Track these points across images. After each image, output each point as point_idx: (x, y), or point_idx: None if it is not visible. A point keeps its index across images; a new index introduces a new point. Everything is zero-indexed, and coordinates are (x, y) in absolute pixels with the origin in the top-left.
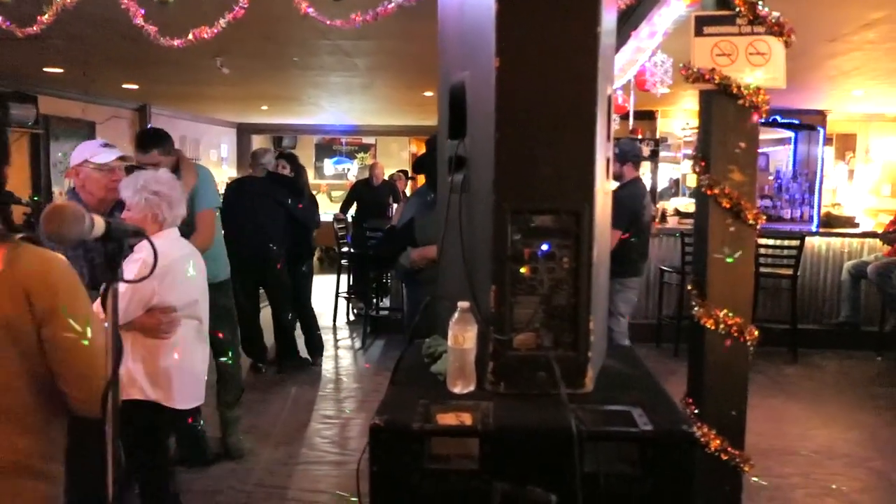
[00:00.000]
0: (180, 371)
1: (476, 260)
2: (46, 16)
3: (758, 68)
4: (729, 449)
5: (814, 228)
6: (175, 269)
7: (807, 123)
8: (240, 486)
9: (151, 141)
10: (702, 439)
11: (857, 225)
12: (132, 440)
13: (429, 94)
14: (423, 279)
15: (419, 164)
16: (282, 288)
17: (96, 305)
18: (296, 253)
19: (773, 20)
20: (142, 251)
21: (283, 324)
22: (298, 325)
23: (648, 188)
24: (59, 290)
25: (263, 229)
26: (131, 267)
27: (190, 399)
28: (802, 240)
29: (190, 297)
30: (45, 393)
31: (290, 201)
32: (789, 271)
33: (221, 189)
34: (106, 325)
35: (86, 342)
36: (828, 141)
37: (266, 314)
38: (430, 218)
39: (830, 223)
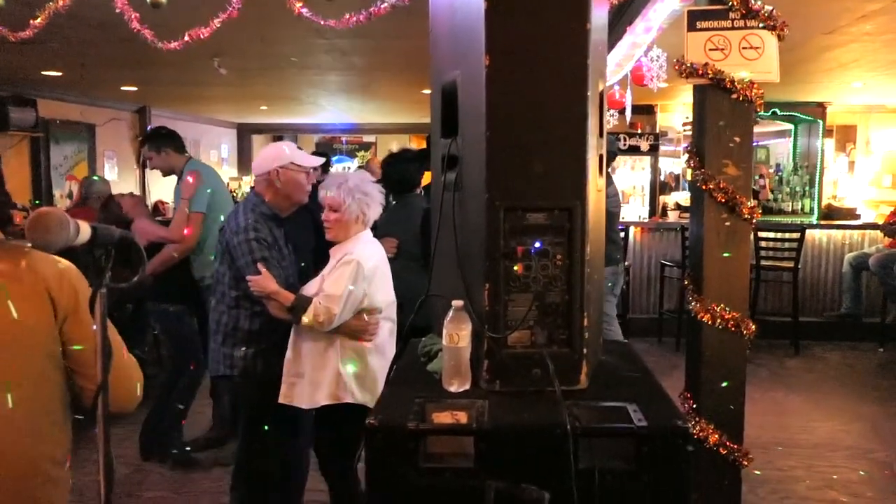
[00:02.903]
0: (384, 373)
1: (469, 258)
2: (39, 19)
3: (751, 62)
4: (727, 443)
5: (815, 221)
6: (382, 269)
7: (807, 116)
8: None
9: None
10: (700, 434)
11: (858, 217)
12: (349, 442)
13: (427, 91)
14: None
15: (384, 171)
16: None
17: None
18: (319, 256)
19: (766, 14)
20: (352, 253)
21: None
22: None
23: (648, 182)
24: (78, 289)
25: None
26: (342, 269)
27: None
28: (803, 232)
29: (390, 298)
30: (58, 397)
31: (310, 203)
32: (790, 264)
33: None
34: (94, 327)
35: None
36: (828, 133)
37: None
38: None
39: (831, 215)
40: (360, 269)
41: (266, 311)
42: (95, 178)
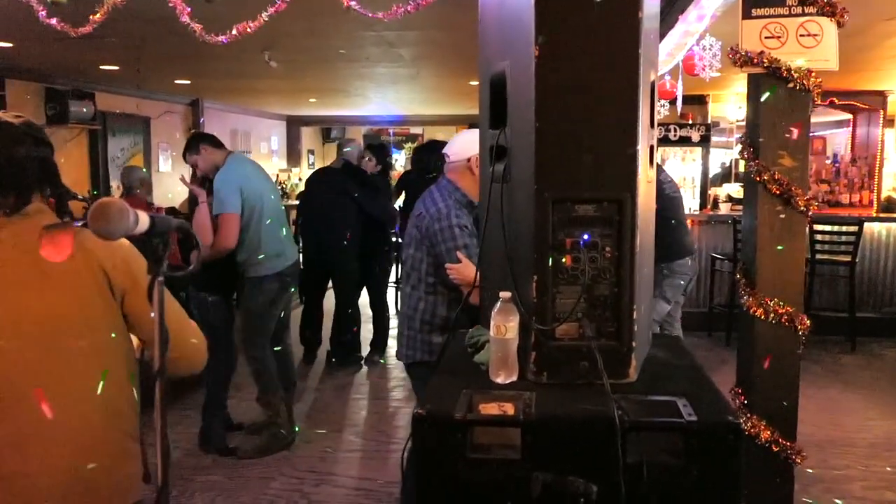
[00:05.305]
0: None
1: (517, 250)
2: (98, 14)
3: (809, 50)
4: (780, 440)
5: (874, 213)
6: None
7: (866, 105)
8: (292, 472)
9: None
10: (751, 430)
11: None
12: None
13: (474, 83)
14: None
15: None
16: (346, 281)
17: None
18: (368, 248)
19: (825, 0)
20: None
21: (342, 317)
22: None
23: (699, 174)
24: (131, 262)
25: (331, 220)
26: None
27: None
28: (861, 225)
29: None
30: (126, 372)
31: (358, 194)
32: (847, 258)
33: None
34: (152, 315)
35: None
36: (888, 122)
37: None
38: None
39: (891, 208)
40: None
41: (461, 297)
42: (137, 168)
